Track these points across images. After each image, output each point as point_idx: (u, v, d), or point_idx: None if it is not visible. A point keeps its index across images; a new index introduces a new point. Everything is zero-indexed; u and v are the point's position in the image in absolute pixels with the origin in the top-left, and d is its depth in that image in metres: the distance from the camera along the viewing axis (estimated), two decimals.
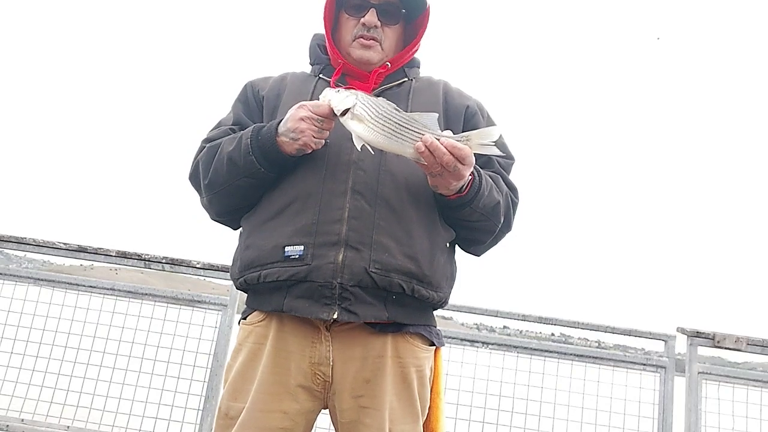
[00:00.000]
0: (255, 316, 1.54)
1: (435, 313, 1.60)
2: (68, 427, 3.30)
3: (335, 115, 1.40)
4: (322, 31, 1.68)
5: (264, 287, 1.47)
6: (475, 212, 1.49)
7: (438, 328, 1.60)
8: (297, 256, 1.41)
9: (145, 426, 3.31)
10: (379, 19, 1.58)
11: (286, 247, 1.42)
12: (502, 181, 1.59)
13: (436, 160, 1.33)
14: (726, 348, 3.30)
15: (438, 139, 1.34)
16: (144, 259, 3.50)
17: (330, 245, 1.41)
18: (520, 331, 4.25)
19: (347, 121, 1.39)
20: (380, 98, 1.41)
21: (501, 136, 1.65)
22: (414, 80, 1.66)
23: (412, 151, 1.35)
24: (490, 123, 1.67)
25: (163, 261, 3.48)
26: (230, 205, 1.56)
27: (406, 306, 1.47)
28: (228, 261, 1.62)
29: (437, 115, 1.41)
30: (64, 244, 3.55)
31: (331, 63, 1.65)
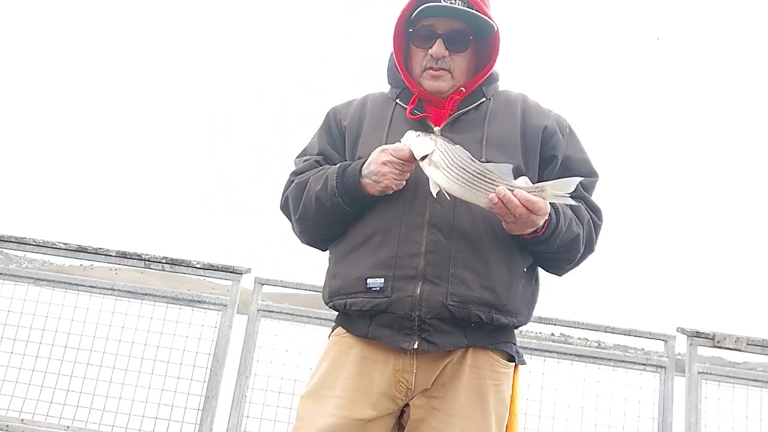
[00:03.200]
0: (342, 330, 1.60)
1: None
2: (68, 427, 3.31)
3: (415, 159, 1.44)
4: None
5: (350, 313, 1.54)
6: (552, 247, 1.51)
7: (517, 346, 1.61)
8: (378, 288, 1.47)
9: (145, 426, 3.31)
10: (447, 49, 1.58)
11: (368, 279, 1.49)
12: (583, 208, 1.59)
13: (509, 211, 1.36)
14: (726, 348, 3.30)
15: (512, 190, 1.36)
16: (144, 259, 3.50)
17: (408, 278, 1.46)
18: (521, 331, 4.25)
19: (425, 167, 1.43)
20: (458, 146, 1.42)
21: (584, 151, 1.66)
22: (491, 99, 1.65)
23: (486, 201, 1.38)
24: (570, 139, 1.65)
25: (163, 261, 3.49)
26: (319, 235, 1.65)
27: (485, 332, 1.50)
28: (228, 261, 1.64)
29: (512, 165, 1.42)
30: (64, 244, 3.55)
31: (408, 87, 1.66)
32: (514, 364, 1.58)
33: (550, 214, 1.44)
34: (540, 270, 1.65)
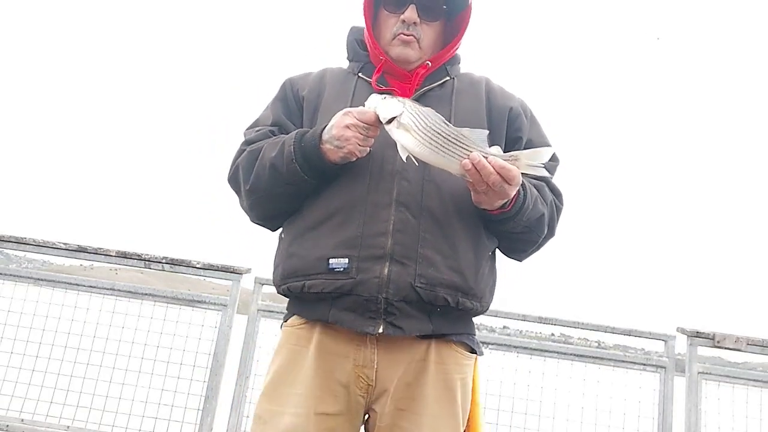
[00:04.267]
0: (297, 320, 1.52)
1: None
2: (68, 427, 3.31)
3: (381, 123, 1.36)
4: (356, 23, 1.64)
5: (308, 296, 1.45)
6: (518, 225, 1.46)
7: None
8: (342, 269, 1.39)
9: (145, 426, 3.31)
10: (419, 16, 1.54)
11: (330, 260, 1.40)
12: (547, 189, 1.56)
13: (482, 179, 1.30)
14: (726, 348, 3.30)
15: (486, 158, 1.30)
16: (144, 259, 3.50)
17: (375, 259, 1.39)
18: (520, 331, 4.25)
19: (393, 130, 1.34)
20: (428, 108, 1.36)
21: (544, 136, 1.63)
22: (455, 79, 1.62)
23: (458, 167, 1.32)
24: (532, 123, 1.63)
25: (163, 261, 3.49)
26: (271, 209, 1.55)
27: (449, 317, 1.45)
28: (228, 261, 1.62)
29: (487, 131, 1.37)
30: (64, 244, 3.55)
31: (371, 60, 1.61)
32: (475, 355, 1.54)
33: (517, 190, 1.39)
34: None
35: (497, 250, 1.60)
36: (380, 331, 1.38)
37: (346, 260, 1.39)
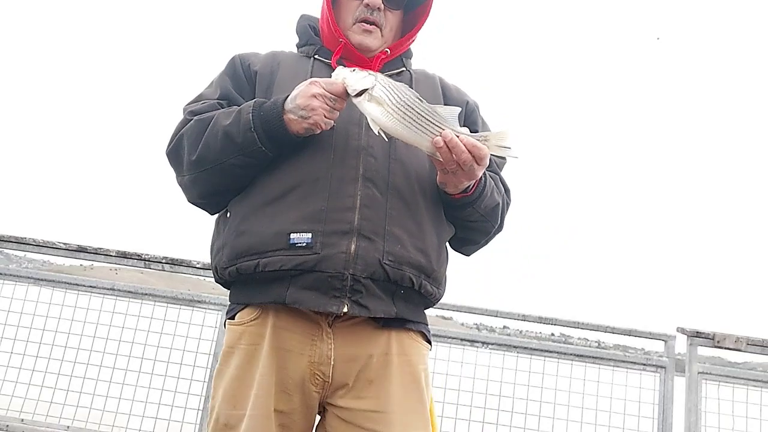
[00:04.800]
0: (246, 314, 1.41)
1: (436, 312, 1.59)
2: (68, 427, 3.30)
3: (348, 95, 1.32)
4: (305, 12, 1.63)
5: (261, 277, 1.35)
6: (476, 213, 1.45)
7: (437, 327, 1.58)
8: (304, 244, 1.31)
9: (145, 426, 3.31)
10: (383, 2, 1.52)
11: (291, 234, 1.31)
12: (500, 181, 1.56)
13: (452, 158, 1.28)
14: (726, 348, 3.30)
15: (458, 136, 1.28)
16: (144, 259, 3.50)
17: (341, 234, 1.32)
18: (520, 331, 4.25)
19: (362, 103, 1.30)
20: (401, 83, 1.33)
21: None
22: (410, 71, 1.61)
23: (429, 144, 1.29)
24: (484, 123, 1.64)
25: (163, 261, 3.48)
26: (218, 185, 1.43)
27: (411, 302, 1.41)
28: None
29: (460, 109, 1.35)
30: (64, 244, 3.55)
31: (325, 45, 1.57)
32: (430, 346, 1.50)
33: None
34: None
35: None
36: (345, 310, 1.31)
37: (309, 235, 1.31)
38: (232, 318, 1.44)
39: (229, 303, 1.48)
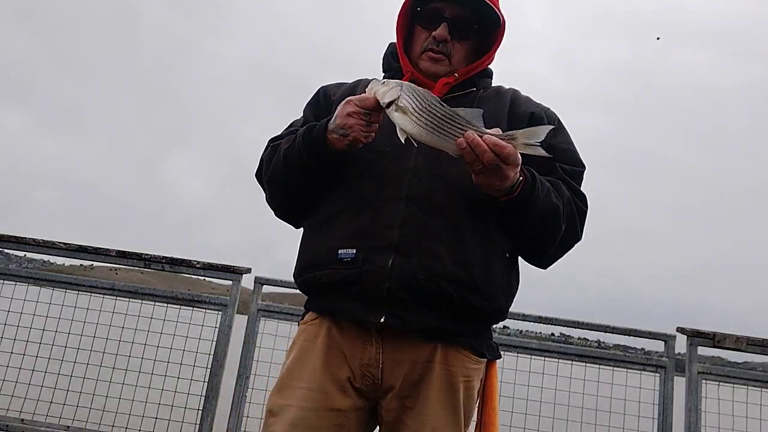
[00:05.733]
0: (309, 317, 1.56)
1: None
2: (68, 427, 3.31)
3: (382, 107, 1.38)
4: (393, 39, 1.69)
5: (319, 288, 1.50)
6: (530, 218, 1.45)
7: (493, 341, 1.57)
8: (349, 259, 1.43)
9: (145, 426, 3.31)
10: (449, 34, 1.58)
11: (339, 250, 1.44)
12: (564, 186, 1.54)
13: (477, 158, 1.31)
14: (726, 348, 3.31)
15: (481, 136, 1.31)
16: (144, 259, 3.50)
17: (381, 250, 1.42)
18: (520, 331, 4.25)
19: (392, 113, 1.37)
20: (425, 90, 1.39)
21: (570, 142, 1.62)
22: (482, 90, 1.65)
23: (454, 147, 1.33)
24: (559, 130, 1.62)
25: (163, 261, 3.49)
26: (287, 201, 1.62)
27: (456, 315, 1.44)
28: (227, 262, 1.63)
29: (482, 110, 1.38)
30: (64, 244, 3.55)
31: (402, 71, 1.66)
32: (486, 360, 1.54)
33: (525, 176, 1.40)
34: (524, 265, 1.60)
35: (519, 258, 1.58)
36: (382, 320, 1.40)
37: (354, 251, 1.43)
38: (302, 318, 1.60)
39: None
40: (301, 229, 1.64)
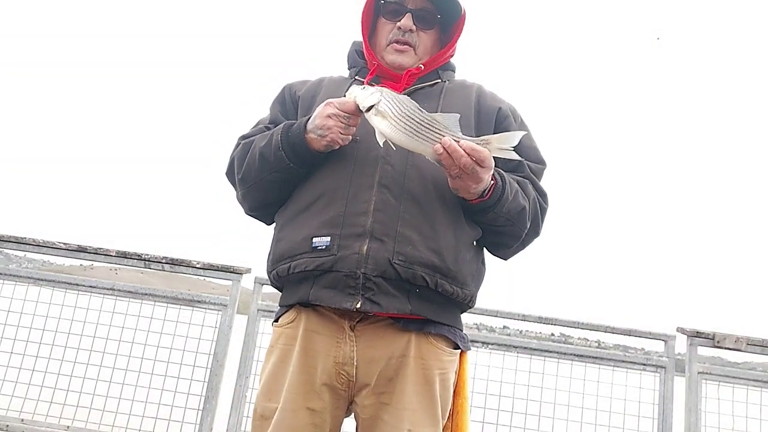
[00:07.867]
0: (285, 318, 1.57)
1: None
2: (68, 427, 3.31)
3: (361, 111, 1.43)
4: (359, 38, 1.73)
5: (293, 278, 1.51)
6: (499, 217, 1.50)
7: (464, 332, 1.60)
8: (324, 247, 1.45)
9: (145, 426, 3.31)
10: (414, 24, 1.63)
11: (314, 238, 1.46)
12: (530, 186, 1.59)
13: (454, 162, 1.35)
14: (726, 348, 3.31)
15: (457, 141, 1.35)
16: (144, 259, 3.50)
17: (355, 236, 1.44)
18: (520, 331, 4.25)
19: (371, 118, 1.41)
20: (405, 96, 1.43)
21: (533, 140, 1.67)
22: (447, 82, 1.69)
23: (432, 152, 1.37)
24: (522, 128, 1.67)
25: (163, 261, 3.49)
26: (262, 199, 1.62)
27: (430, 301, 1.48)
28: (228, 261, 1.64)
29: (459, 115, 1.43)
30: (64, 244, 3.55)
31: (367, 65, 1.70)
32: (459, 351, 1.56)
33: (496, 179, 1.46)
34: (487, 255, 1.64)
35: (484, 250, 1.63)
36: (358, 306, 1.42)
37: (328, 238, 1.45)
38: (276, 321, 1.61)
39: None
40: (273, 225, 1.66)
